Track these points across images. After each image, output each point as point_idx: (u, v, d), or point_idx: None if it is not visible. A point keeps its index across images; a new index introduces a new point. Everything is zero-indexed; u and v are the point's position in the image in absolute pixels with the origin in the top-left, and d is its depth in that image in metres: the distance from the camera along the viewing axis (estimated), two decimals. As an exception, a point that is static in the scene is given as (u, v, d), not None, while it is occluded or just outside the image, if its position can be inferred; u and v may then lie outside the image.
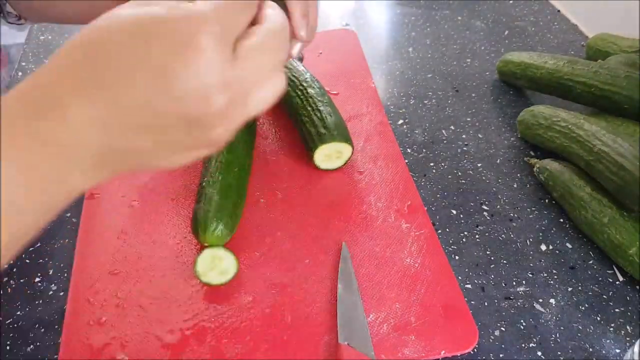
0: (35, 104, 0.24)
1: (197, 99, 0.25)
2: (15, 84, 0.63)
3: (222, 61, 0.25)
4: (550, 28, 0.74)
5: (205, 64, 0.24)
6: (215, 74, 0.25)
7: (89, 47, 0.25)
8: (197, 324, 0.41)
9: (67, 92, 0.24)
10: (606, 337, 0.41)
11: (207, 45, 0.24)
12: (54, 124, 0.24)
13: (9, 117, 0.24)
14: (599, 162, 0.46)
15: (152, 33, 0.24)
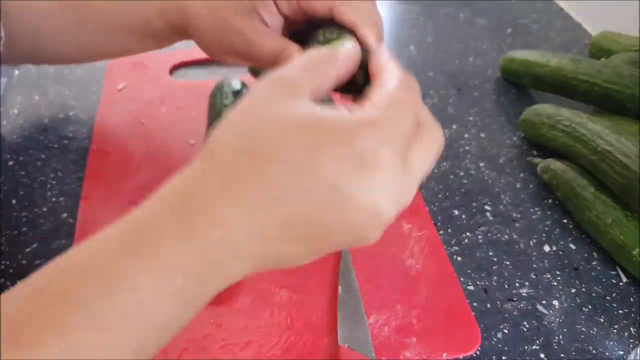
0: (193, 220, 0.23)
1: (368, 216, 0.24)
2: (14, 83, 0.63)
3: (396, 177, 0.24)
4: (553, 26, 0.73)
5: (381, 182, 0.23)
6: (389, 191, 0.24)
7: (256, 158, 0.23)
8: (195, 325, 0.40)
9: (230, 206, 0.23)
10: (609, 338, 0.40)
11: (383, 162, 0.23)
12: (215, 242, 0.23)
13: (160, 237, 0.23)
14: (603, 162, 0.45)
15: (328, 148, 0.23)
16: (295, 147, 0.23)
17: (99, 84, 0.63)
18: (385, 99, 0.25)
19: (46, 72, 0.65)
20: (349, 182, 0.23)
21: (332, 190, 0.23)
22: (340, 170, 0.23)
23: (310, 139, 0.23)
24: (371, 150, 0.23)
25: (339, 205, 0.23)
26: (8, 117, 0.59)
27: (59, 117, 0.59)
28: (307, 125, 0.23)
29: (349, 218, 0.23)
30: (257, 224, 0.23)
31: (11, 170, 0.53)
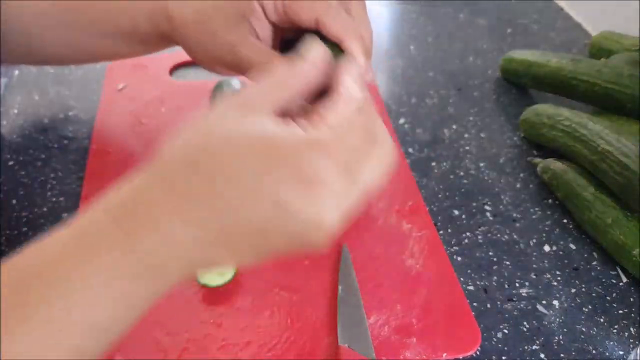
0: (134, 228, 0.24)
1: (310, 227, 0.24)
2: (14, 83, 0.63)
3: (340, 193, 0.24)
4: (553, 26, 0.73)
5: (324, 199, 0.24)
6: (333, 206, 0.24)
7: (201, 172, 0.24)
8: (195, 326, 0.40)
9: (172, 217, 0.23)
10: (610, 338, 0.40)
11: (327, 181, 0.24)
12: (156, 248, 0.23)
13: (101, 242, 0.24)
14: (603, 162, 0.45)
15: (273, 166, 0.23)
16: (241, 164, 0.23)
17: (99, 84, 0.63)
18: (335, 117, 0.26)
19: (46, 72, 0.65)
20: (293, 199, 0.23)
21: (276, 207, 0.23)
22: (284, 188, 0.23)
23: (256, 157, 0.24)
24: (315, 168, 0.24)
25: (281, 220, 0.24)
26: (8, 117, 0.59)
27: (59, 117, 0.59)
28: (255, 143, 0.24)
29: (292, 230, 0.24)
30: (199, 234, 0.24)
31: (11, 170, 0.53)
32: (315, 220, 0.24)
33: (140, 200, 0.24)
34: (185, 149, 0.25)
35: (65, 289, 0.23)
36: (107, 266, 0.23)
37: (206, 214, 0.23)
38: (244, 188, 0.23)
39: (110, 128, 0.57)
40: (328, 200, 0.24)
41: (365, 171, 0.26)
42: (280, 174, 0.23)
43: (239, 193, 0.23)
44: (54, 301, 0.23)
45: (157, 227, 0.23)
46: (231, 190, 0.23)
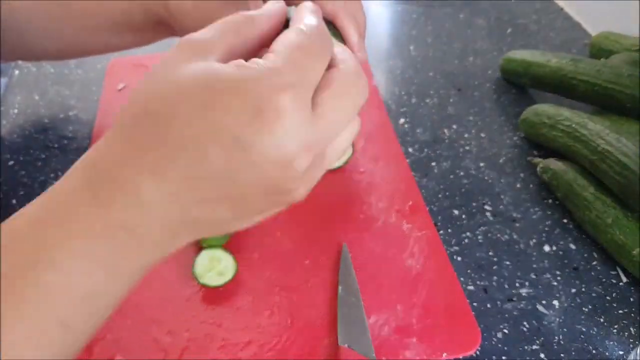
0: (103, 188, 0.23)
1: (277, 166, 0.23)
2: (14, 82, 0.63)
3: (302, 123, 0.23)
4: (553, 26, 0.73)
5: (284, 129, 0.22)
6: (296, 139, 0.23)
7: (155, 122, 0.23)
8: (195, 325, 0.40)
9: (136, 171, 0.22)
10: (609, 338, 0.40)
11: (285, 109, 0.22)
12: (126, 206, 0.23)
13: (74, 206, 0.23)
14: (603, 162, 0.45)
15: (225, 100, 0.22)
16: (191, 103, 0.22)
17: (99, 84, 0.63)
18: (284, 47, 0.24)
19: (46, 72, 0.65)
20: (248, 132, 0.22)
21: (231, 142, 0.22)
22: (236, 121, 0.22)
23: (205, 94, 0.22)
24: (267, 96, 0.22)
25: (242, 157, 0.22)
26: (8, 117, 0.59)
27: (59, 117, 0.59)
28: (203, 81, 0.23)
29: (258, 170, 0.23)
30: (164, 185, 0.22)
31: (11, 170, 0.53)
32: (276, 155, 0.22)
33: (103, 159, 0.23)
34: (137, 100, 0.24)
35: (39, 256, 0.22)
36: (82, 231, 0.22)
37: (166, 163, 0.22)
38: (199, 128, 0.22)
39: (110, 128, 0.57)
40: (286, 133, 0.22)
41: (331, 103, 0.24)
42: (233, 109, 0.22)
43: (195, 133, 0.22)
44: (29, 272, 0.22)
45: (120, 184, 0.23)
46: (186, 134, 0.22)
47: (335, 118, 0.24)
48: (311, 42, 0.25)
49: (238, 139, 0.22)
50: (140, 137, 0.23)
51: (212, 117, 0.22)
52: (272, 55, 0.24)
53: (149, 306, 0.42)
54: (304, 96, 0.23)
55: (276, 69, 0.23)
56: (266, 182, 0.23)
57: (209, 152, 0.22)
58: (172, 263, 0.44)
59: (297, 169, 0.23)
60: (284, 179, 0.23)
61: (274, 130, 0.22)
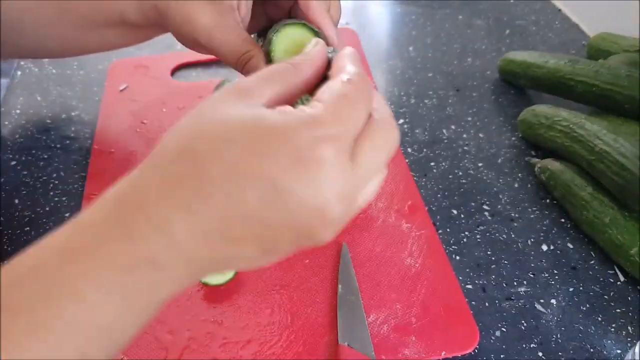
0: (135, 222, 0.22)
1: (312, 214, 0.23)
2: (16, 83, 0.63)
3: (340, 173, 0.23)
4: (551, 27, 0.73)
5: (323, 179, 0.22)
6: (333, 189, 0.23)
7: (195, 159, 0.23)
8: (196, 324, 0.41)
9: (170, 207, 0.22)
10: (607, 337, 0.41)
11: (325, 159, 0.22)
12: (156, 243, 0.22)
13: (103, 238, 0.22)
14: (600, 162, 0.46)
15: (267, 145, 0.22)
16: (234, 146, 0.22)
17: (101, 85, 0.63)
18: (331, 96, 0.24)
19: (48, 73, 0.66)
20: (288, 178, 0.22)
21: (271, 187, 0.22)
22: (278, 167, 0.22)
23: (250, 137, 0.23)
24: (310, 146, 0.22)
25: (278, 201, 0.22)
26: (10, 117, 0.60)
27: (61, 118, 0.60)
28: (249, 124, 0.23)
29: (291, 216, 0.23)
30: (197, 224, 0.23)
31: (13, 170, 0.53)
32: (312, 204, 0.23)
33: (137, 192, 0.23)
34: (179, 137, 0.24)
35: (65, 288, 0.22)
36: (110, 264, 0.22)
37: (202, 201, 0.22)
38: (239, 171, 0.22)
39: (112, 128, 0.57)
40: (325, 182, 0.23)
41: (369, 154, 0.25)
42: (276, 154, 0.22)
43: (234, 177, 0.22)
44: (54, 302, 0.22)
45: (152, 219, 0.22)
46: (226, 174, 0.22)
47: (371, 168, 0.25)
48: (355, 92, 0.25)
49: (276, 184, 0.22)
50: (177, 173, 0.23)
51: (254, 159, 0.22)
52: (318, 103, 0.24)
53: (150, 305, 0.42)
54: (345, 147, 0.23)
55: (321, 119, 0.23)
56: (298, 228, 0.23)
57: (246, 194, 0.22)
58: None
59: (330, 217, 0.23)
60: (316, 226, 0.24)
61: (313, 179, 0.22)
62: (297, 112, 0.24)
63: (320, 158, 0.22)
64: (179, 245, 0.23)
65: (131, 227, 0.23)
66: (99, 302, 0.22)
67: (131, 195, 0.23)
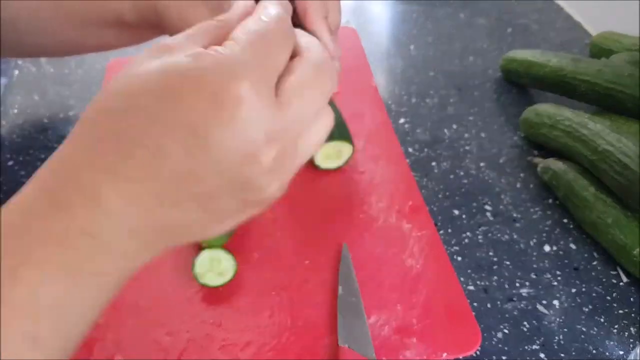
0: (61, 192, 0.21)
1: (241, 159, 0.21)
2: (13, 83, 0.63)
3: (264, 111, 0.22)
4: (553, 26, 0.73)
5: (246, 118, 0.21)
6: (259, 128, 0.21)
7: (112, 118, 0.22)
8: (195, 326, 0.40)
9: (93, 171, 0.21)
10: (610, 338, 0.40)
11: (245, 96, 0.21)
12: (86, 212, 0.21)
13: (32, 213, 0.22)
14: (603, 162, 0.45)
15: (180, 90, 0.21)
16: (148, 97, 0.21)
17: (99, 84, 0.63)
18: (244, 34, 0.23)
19: (46, 72, 0.65)
20: (207, 122, 0.21)
21: (191, 134, 0.21)
22: (195, 111, 0.21)
23: (160, 85, 0.21)
24: (226, 85, 0.21)
25: (202, 149, 0.21)
26: (8, 117, 0.59)
27: (59, 117, 0.59)
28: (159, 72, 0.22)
29: (220, 163, 0.21)
30: (126, 187, 0.21)
31: (11, 170, 0.53)
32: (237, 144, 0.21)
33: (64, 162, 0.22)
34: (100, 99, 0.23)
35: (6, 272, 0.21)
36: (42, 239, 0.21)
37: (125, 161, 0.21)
38: (155, 122, 0.21)
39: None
40: (247, 121, 0.21)
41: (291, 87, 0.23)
42: (191, 98, 0.21)
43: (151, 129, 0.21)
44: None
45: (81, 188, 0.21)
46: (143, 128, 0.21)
47: (301, 106, 0.23)
48: (270, 29, 0.24)
49: (196, 130, 0.21)
50: (97, 136, 0.22)
51: (168, 109, 0.21)
52: (231, 42, 0.23)
53: (148, 306, 0.42)
54: (264, 83, 0.22)
55: (234, 56, 0.22)
56: (232, 178, 0.22)
57: (166, 148, 0.21)
58: (171, 263, 0.44)
59: (263, 161, 0.22)
60: (250, 173, 0.22)
61: (234, 120, 0.21)
62: (210, 52, 0.22)
63: (237, 96, 0.21)
64: (113, 213, 0.21)
65: (58, 198, 0.22)
66: (37, 280, 0.21)
67: (56, 166, 0.22)
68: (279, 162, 0.23)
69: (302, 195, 0.50)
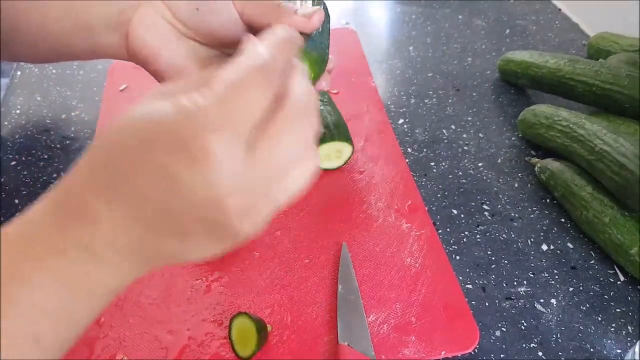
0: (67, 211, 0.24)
1: (209, 204, 0.23)
2: (16, 83, 0.63)
3: (231, 162, 0.22)
4: (551, 27, 0.73)
5: (212, 168, 0.22)
6: (225, 177, 0.22)
7: (108, 151, 0.24)
8: (196, 324, 0.41)
9: (94, 196, 0.24)
10: (607, 337, 0.41)
11: (209, 149, 0.22)
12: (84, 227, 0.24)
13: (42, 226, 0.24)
14: (600, 162, 0.46)
15: (158, 137, 0.23)
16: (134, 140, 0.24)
17: (101, 85, 0.63)
18: (219, 84, 0.24)
19: (48, 73, 0.66)
20: (178, 168, 0.22)
21: (166, 177, 0.23)
22: (169, 157, 0.22)
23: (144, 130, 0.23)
24: (195, 137, 0.22)
25: (175, 190, 0.23)
26: (10, 117, 0.60)
27: (61, 118, 0.60)
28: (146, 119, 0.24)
29: (191, 205, 0.23)
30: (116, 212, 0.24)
31: (13, 170, 0.53)
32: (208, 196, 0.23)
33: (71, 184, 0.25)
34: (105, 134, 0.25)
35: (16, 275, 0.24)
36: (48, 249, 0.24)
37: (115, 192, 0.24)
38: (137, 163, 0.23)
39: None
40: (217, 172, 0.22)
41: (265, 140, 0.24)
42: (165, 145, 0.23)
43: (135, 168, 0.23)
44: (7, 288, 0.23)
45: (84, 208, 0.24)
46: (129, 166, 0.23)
47: (273, 155, 0.24)
48: (246, 78, 0.24)
49: (170, 174, 0.23)
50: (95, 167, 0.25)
51: (148, 151, 0.23)
52: (207, 91, 0.24)
53: (150, 305, 0.42)
54: (234, 136, 0.23)
55: (205, 109, 0.23)
56: (203, 217, 0.23)
57: (148, 184, 0.23)
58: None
59: (231, 206, 0.23)
60: (218, 216, 0.23)
61: (202, 169, 0.22)
62: (187, 102, 0.23)
63: (204, 148, 0.22)
64: (105, 233, 0.24)
65: (63, 214, 0.24)
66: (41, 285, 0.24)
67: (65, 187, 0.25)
68: (248, 208, 0.24)
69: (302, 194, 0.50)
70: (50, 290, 0.24)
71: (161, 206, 0.23)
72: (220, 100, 0.23)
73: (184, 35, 0.38)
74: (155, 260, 0.26)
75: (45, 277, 0.24)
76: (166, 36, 0.37)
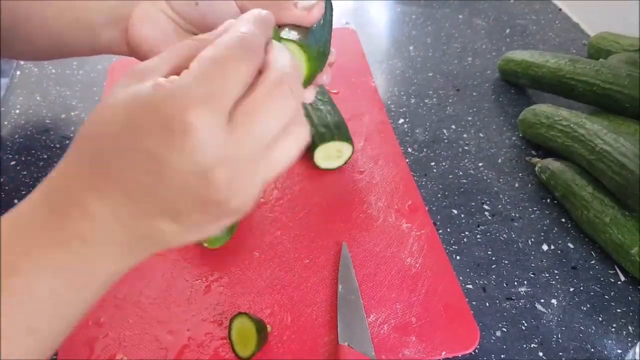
0: (58, 204, 0.25)
1: (195, 180, 0.23)
2: (15, 83, 0.63)
3: (213, 136, 0.23)
4: (551, 27, 0.73)
5: (194, 144, 0.23)
6: (208, 152, 0.23)
7: (92, 141, 0.25)
8: (196, 324, 0.41)
9: (82, 188, 0.24)
10: (608, 337, 0.41)
11: (193, 124, 0.22)
12: (78, 220, 0.24)
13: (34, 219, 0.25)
14: (601, 162, 0.46)
15: (139, 120, 0.23)
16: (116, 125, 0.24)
17: (101, 85, 0.63)
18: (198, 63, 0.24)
19: (48, 73, 0.66)
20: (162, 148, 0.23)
21: (150, 158, 0.23)
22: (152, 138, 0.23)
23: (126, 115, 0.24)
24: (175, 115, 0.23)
25: (161, 172, 0.23)
26: (10, 117, 0.59)
27: (61, 118, 0.59)
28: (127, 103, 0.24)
29: (178, 184, 0.23)
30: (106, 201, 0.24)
31: (13, 170, 0.53)
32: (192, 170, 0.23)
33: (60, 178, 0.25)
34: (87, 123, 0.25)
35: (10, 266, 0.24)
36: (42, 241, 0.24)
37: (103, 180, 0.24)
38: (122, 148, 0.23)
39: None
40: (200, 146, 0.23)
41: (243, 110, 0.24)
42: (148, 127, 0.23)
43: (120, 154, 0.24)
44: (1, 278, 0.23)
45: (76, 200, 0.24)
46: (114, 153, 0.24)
47: (254, 127, 0.24)
48: (225, 55, 0.24)
49: (154, 157, 0.23)
50: (82, 157, 0.25)
51: (131, 135, 0.23)
52: (186, 71, 0.24)
53: (150, 305, 0.42)
54: (214, 110, 0.23)
55: (185, 86, 0.23)
56: (193, 195, 0.24)
57: (134, 168, 0.23)
58: (173, 261, 0.45)
59: (216, 180, 0.23)
60: (206, 191, 0.24)
61: (183, 145, 0.23)
62: (166, 82, 0.24)
63: (186, 124, 0.22)
64: (99, 223, 0.24)
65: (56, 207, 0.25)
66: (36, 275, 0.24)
67: (54, 181, 0.25)
68: (235, 180, 0.24)
69: (302, 194, 0.50)
70: (44, 280, 0.24)
71: (150, 189, 0.24)
72: (198, 76, 0.24)
73: (184, 30, 0.38)
74: (151, 245, 0.26)
75: (39, 267, 0.24)
76: (166, 31, 0.38)
